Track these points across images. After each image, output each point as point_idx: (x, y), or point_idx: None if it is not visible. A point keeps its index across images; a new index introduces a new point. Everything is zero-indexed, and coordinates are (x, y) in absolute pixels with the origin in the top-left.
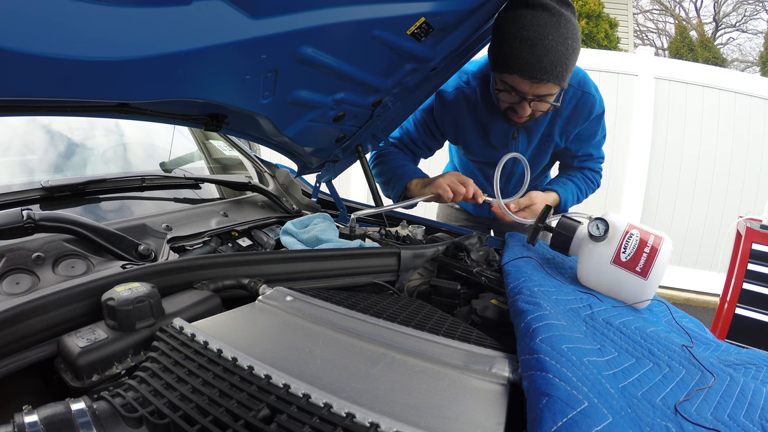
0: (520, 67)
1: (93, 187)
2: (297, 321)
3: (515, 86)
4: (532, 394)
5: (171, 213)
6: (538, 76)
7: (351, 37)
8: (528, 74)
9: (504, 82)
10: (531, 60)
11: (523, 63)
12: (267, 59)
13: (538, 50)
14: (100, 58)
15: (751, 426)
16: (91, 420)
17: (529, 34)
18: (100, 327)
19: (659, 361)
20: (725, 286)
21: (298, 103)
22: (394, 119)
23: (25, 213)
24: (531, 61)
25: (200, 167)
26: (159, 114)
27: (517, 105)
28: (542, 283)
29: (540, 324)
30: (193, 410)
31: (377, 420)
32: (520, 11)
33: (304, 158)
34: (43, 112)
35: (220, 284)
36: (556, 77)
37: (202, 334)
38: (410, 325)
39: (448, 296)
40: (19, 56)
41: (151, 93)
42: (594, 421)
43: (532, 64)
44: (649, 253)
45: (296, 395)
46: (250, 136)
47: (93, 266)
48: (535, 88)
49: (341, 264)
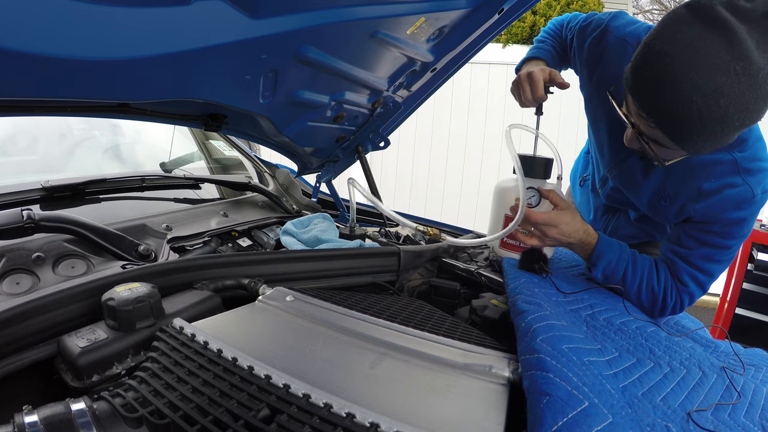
0: (635, 89)
1: (93, 187)
2: (297, 321)
3: (627, 101)
4: (532, 394)
5: (171, 213)
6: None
7: (351, 37)
8: (639, 104)
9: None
10: (649, 88)
11: (640, 87)
12: (267, 59)
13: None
14: (101, 58)
15: (752, 426)
16: (91, 420)
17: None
18: (100, 327)
19: (660, 360)
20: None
21: (298, 103)
22: (394, 119)
23: (25, 213)
24: (649, 90)
25: (200, 167)
26: (159, 114)
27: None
28: (543, 284)
29: (541, 324)
30: (193, 410)
31: (377, 420)
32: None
33: (304, 158)
34: (43, 112)
35: (220, 284)
36: (674, 136)
37: (202, 334)
38: (410, 325)
39: (448, 296)
40: (19, 56)
41: (151, 93)
42: (594, 420)
43: (648, 94)
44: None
45: (296, 395)
46: (250, 136)
47: (93, 266)
48: (645, 125)
49: (341, 264)
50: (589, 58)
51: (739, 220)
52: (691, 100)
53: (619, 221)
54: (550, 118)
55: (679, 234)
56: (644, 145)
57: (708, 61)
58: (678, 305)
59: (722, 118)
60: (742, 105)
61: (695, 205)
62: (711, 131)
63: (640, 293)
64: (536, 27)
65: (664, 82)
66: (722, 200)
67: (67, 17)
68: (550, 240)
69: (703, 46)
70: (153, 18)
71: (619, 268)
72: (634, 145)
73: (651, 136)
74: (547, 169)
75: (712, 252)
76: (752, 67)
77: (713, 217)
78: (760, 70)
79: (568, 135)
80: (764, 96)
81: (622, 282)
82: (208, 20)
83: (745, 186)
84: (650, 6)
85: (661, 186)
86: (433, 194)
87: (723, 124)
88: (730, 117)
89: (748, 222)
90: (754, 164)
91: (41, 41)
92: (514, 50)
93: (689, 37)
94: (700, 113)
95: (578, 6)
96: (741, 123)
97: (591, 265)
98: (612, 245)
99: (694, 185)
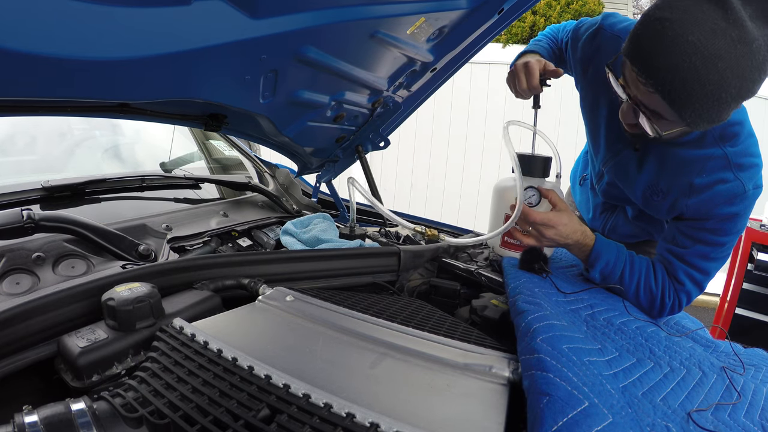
0: (635, 54)
1: (93, 187)
2: (297, 321)
3: (624, 72)
4: (532, 394)
5: (171, 213)
6: (645, 77)
7: (351, 37)
8: (639, 68)
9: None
10: (648, 50)
11: (639, 51)
12: (267, 59)
13: (666, 45)
14: (101, 58)
15: (752, 426)
16: (91, 420)
17: (672, 23)
18: (100, 327)
19: (660, 361)
20: (725, 286)
21: (298, 103)
22: (394, 119)
23: (25, 213)
24: (649, 51)
25: (200, 167)
26: (159, 114)
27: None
28: (543, 283)
29: (541, 324)
30: (193, 410)
31: (377, 420)
32: None
33: (304, 158)
34: (43, 112)
35: (220, 284)
36: (673, 99)
37: (202, 334)
38: (410, 325)
39: (448, 296)
40: (19, 56)
41: (151, 93)
42: (594, 420)
43: (648, 56)
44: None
45: (296, 395)
46: (250, 136)
47: (93, 266)
48: (643, 93)
49: (341, 264)
50: (583, 56)
51: (732, 215)
52: (690, 60)
53: (617, 220)
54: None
55: (674, 233)
56: (642, 114)
57: (706, 26)
58: (676, 305)
59: (720, 81)
60: (739, 72)
61: (687, 201)
62: (709, 96)
63: (638, 294)
64: (536, 27)
65: (663, 43)
66: (714, 196)
67: (67, 17)
68: (547, 240)
69: (701, 13)
70: (153, 18)
71: (616, 269)
72: (630, 119)
73: (649, 105)
74: (546, 167)
75: (707, 249)
76: (747, 36)
77: (705, 213)
78: (755, 40)
79: (568, 135)
80: (758, 66)
81: (620, 283)
82: (208, 20)
83: (737, 181)
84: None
85: (654, 180)
86: (433, 194)
87: (720, 89)
88: (727, 82)
89: (741, 218)
90: (745, 159)
91: (41, 41)
92: (514, 50)
93: (686, 4)
94: (698, 74)
95: (578, 6)
96: (737, 92)
97: (589, 266)
98: (609, 246)
99: (685, 180)
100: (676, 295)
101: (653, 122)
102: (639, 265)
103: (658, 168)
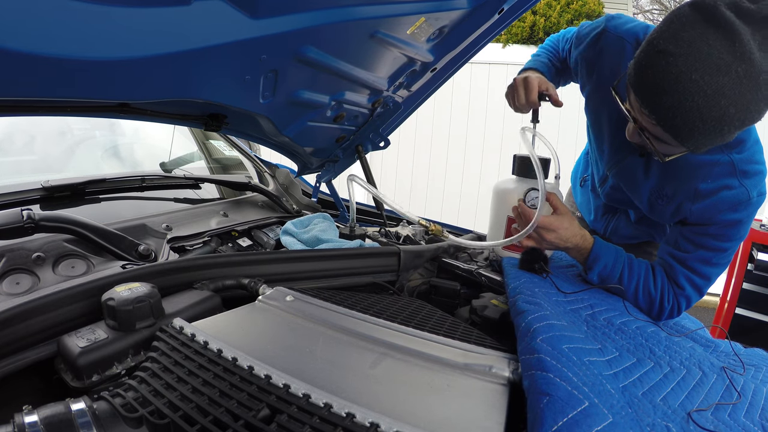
0: (638, 87)
1: (93, 187)
2: (297, 321)
3: (629, 98)
4: (532, 394)
5: (171, 213)
6: (648, 111)
7: (351, 37)
8: (642, 101)
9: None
10: (652, 87)
11: (642, 85)
12: (267, 59)
13: (669, 83)
14: (101, 58)
15: (752, 426)
16: (91, 420)
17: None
18: (100, 327)
19: (660, 360)
20: (725, 286)
21: (298, 103)
22: (394, 119)
23: (25, 213)
24: (652, 88)
25: (200, 167)
26: (159, 114)
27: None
28: (543, 283)
29: (541, 324)
30: (193, 410)
31: (377, 420)
32: (690, 19)
33: (304, 158)
34: (43, 112)
35: (220, 284)
36: (676, 134)
37: (202, 334)
38: (410, 325)
39: (448, 296)
40: (19, 56)
41: (151, 93)
42: (594, 420)
43: (651, 92)
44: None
45: (296, 395)
46: (250, 136)
47: (93, 266)
48: (647, 122)
49: (341, 264)
50: (588, 59)
51: (735, 221)
52: (692, 99)
53: (619, 222)
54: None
55: (677, 237)
56: (645, 140)
57: (710, 61)
58: (675, 308)
59: (721, 117)
60: (742, 106)
61: (692, 206)
62: (711, 130)
63: (636, 296)
64: (536, 27)
65: (666, 81)
66: (718, 202)
67: (67, 17)
68: (547, 244)
69: (706, 46)
70: (153, 18)
71: (614, 272)
72: (636, 139)
73: (652, 132)
74: (545, 169)
75: (708, 255)
76: (754, 69)
77: (709, 218)
78: (762, 72)
79: (568, 136)
80: (765, 98)
81: (618, 285)
82: (208, 20)
83: (742, 188)
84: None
85: (659, 185)
86: (433, 194)
87: (722, 123)
88: (730, 117)
89: (744, 224)
90: (750, 167)
91: (41, 41)
92: (514, 50)
93: (692, 36)
94: (700, 113)
95: (578, 5)
96: (740, 123)
97: (587, 269)
98: (608, 249)
99: (691, 185)
100: (676, 299)
101: (656, 147)
102: (638, 268)
103: (664, 173)
